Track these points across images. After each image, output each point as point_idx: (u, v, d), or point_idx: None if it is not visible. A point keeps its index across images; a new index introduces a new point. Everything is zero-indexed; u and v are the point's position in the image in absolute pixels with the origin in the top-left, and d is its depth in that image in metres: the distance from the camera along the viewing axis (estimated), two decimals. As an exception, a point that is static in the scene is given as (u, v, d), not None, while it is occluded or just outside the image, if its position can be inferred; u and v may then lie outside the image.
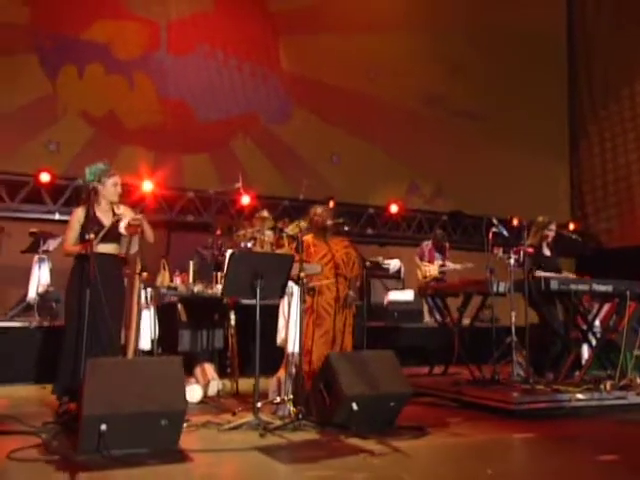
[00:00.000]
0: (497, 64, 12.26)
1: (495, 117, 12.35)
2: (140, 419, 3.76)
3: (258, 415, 4.46)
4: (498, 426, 4.83)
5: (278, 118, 10.76)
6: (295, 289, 4.81)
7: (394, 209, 11.17)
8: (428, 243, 8.65)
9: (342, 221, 5.47)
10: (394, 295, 8.77)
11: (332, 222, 5.37)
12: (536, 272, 5.87)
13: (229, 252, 4.43)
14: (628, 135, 12.66)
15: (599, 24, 12.97)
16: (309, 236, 5.20)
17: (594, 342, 6.04)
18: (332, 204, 10.26)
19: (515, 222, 9.58)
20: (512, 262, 5.61)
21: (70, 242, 4.65)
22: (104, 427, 3.61)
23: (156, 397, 3.82)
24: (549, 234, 6.41)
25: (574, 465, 3.93)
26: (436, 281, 8.09)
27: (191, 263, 6.29)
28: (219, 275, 6.07)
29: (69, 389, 4.21)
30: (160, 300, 5.76)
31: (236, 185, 7.46)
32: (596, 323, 6.23)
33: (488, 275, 5.69)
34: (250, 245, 6.86)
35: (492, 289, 5.73)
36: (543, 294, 5.68)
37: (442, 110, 11.95)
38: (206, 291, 5.93)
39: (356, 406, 4.35)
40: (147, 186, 9.42)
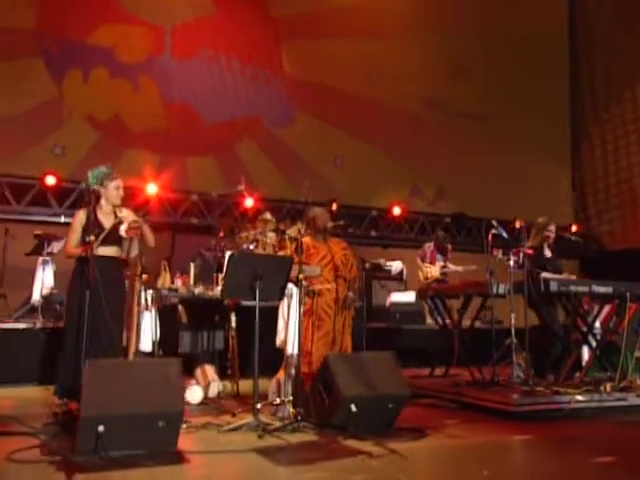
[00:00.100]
0: (499, 66, 12.20)
1: (497, 119, 12.29)
2: (138, 420, 3.73)
3: (257, 416, 4.42)
4: (497, 428, 4.78)
5: (281, 121, 10.74)
6: (294, 291, 4.76)
7: (397, 211, 11.14)
8: (430, 244, 8.60)
9: (342, 223, 5.43)
10: (396, 296, 8.72)
11: (333, 224, 5.34)
12: (541, 274, 5.82)
13: (228, 254, 4.38)
14: (630, 137, 12.58)
15: (601, 26, 12.90)
16: (307, 238, 5.17)
17: (594, 344, 5.97)
18: (335, 206, 10.27)
19: (517, 224, 9.52)
20: (512, 264, 5.56)
21: (72, 244, 4.63)
22: (101, 428, 3.59)
23: (154, 399, 3.79)
24: (549, 235, 6.36)
25: (573, 467, 3.88)
26: (438, 282, 8.05)
27: (192, 265, 6.27)
28: (220, 277, 6.04)
29: (71, 390, 4.18)
30: (161, 302, 5.73)
31: (239, 188, 7.45)
32: (596, 324, 6.15)
33: (488, 277, 5.64)
34: (252, 247, 6.83)
35: (492, 291, 5.67)
36: (543, 295, 5.62)
37: (444, 113, 11.90)
38: (207, 293, 5.91)
39: (354, 407, 4.32)
40: (152, 189, 9.44)
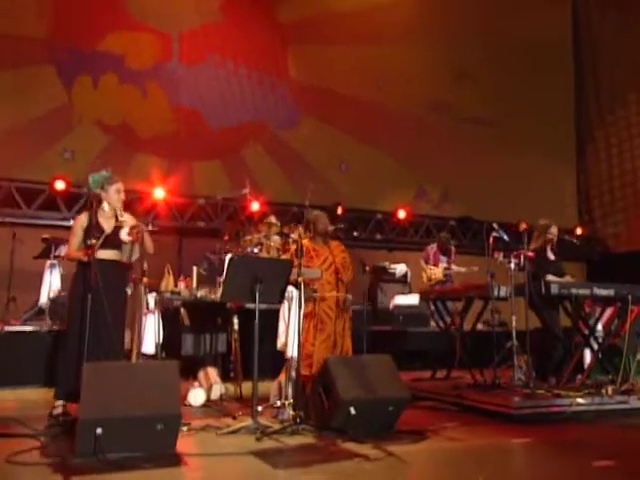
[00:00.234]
0: (503, 70, 12.12)
1: (502, 123, 12.20)
2: (136, 423, 3.70)
3: (256, 419, 4.37)
4: (497, 431, 4.70)
5: (287, 126, 10.71)
6: (295, 294, 4.72)
7: (402, 215, 11.07)
8: (433, 246, 8.54)
9: (343, 226, 5.38)
10: (399, 299, 8.65)
11: (334, 227, 5.30)
12: (547, 277, 5.75)
13: (228, 257, 4.34)
14: (634, 141, 12.46)
15: (605, 30, 12.78)
16: (306, 240, 5.12)
17: (596, 346, 5.88)
18: (340, 210, 10.23)
19: (523, 226, 9.43)
20: (513, 266, 5.48)
21: (73, 248, 4.61)
22: (100, 431, 3.56)
23: (152, 401, 3.76)
24: (551, 238, 6.26)
25: (573, 470, 3.81)
26: (441, 284, 7.98)
27: (194, 268, 6.23)
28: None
29: (71, 392, 4.14)
30: (164, 305, 5.70)
31: (243, 191, 7.39)
32: (598, 327, 6.06)
33: (489, 279, 5.57)
34: (257, 250, 6.78)
35: (493, 293, 5.60)
36: (544, 298, 5.54)
37: (450, 117, 11.83)
38: (209, 296, 5.86)
39: (354, 410, 4.26)
40: (159, 193, 9.43)
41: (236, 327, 5.65)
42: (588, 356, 6.06)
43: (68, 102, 9.40)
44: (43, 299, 7.05)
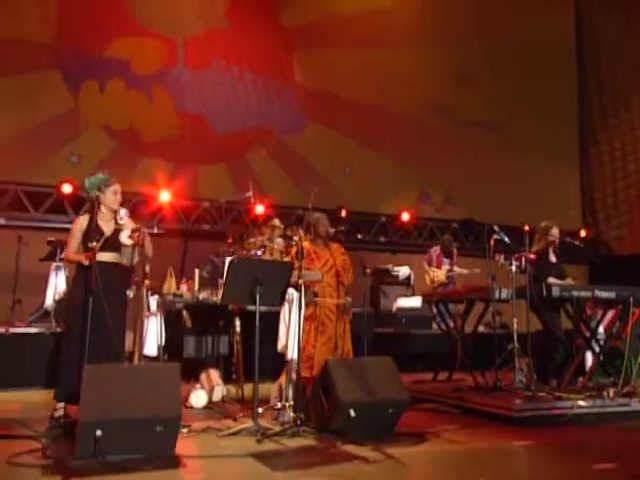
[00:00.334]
0: (506, 74, 12.06)
1: (505, 126, 12.13)
2: (135, 425, 3.67)
3: (257, 421, 4.34)
4: (498, 433, 4.65)
5: (292, 131, 10.69)
6: (295, 296, 4.68)
7: (405, 217, 11.03)
8: (436, 249, 8.49)
9: (343, 228, 5.35)
10: (402, 302, 8.60)
11: (335, 229, 5.27)
12: (548, 280, 5.69)
13: (228, 259, 4.31)
14: (638, 144, 12.37)
15: (607, 33, 12.70)
16: (307, 243, 5.09)
17: (597, 349, 5.80)
18: (344, 213, 10.19)
19: (526, 229, 9.35)
20: (514, 269, 5.42)
21: (72, 250, 4.58)
22: (99, 433, 3.53)
23: (151, 403, 3.73)
24: (553, 239, 6.18)
25: (574, 473, 3.76)
26: (444, 286, 7.92)
27: (196, 270, 6.20)
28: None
29: (72, 394, 4.11)
30: (166, 307, 5.67)
31: (246, 194, 7.37)
32: (600, 330, 5.98)
33: (490, 282, 5.51)
34: (260, 253, 6.74)
35: (494, 296, 5.54)
36: (545, 301, 5.47)
37: (452, 120, 11.77)
38: (211, 298, 5.83)
39: (353, 412, 4.22)
40: (165, 196, 9.43)
41: (238, 329, 5.61)
42: (590, 359, 5.99)
43: (75, 107, 9.41)
44: (48, 301, 7.05)
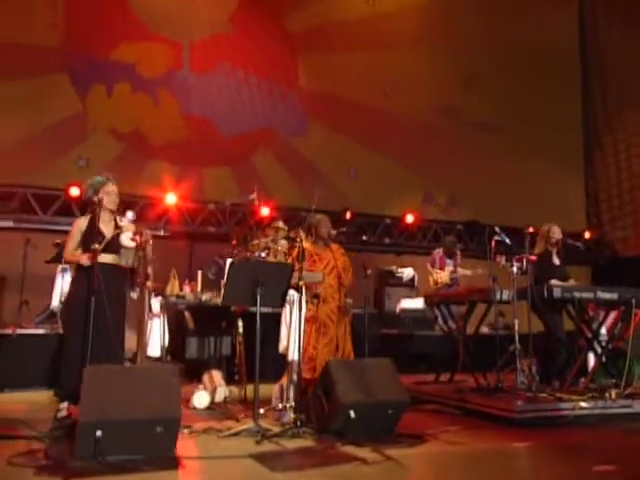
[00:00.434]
0: (511, 76, 11.98)
1: (510, 128, 12.04)
2: (135, 426, 3.65)
3: (257, 422, 4.31)
4: (499, 434, 4.60)
5: (296, 133, 10.66)
6: (296, 297, 4.65)
7: (410, 219, 10.97)
8: (439, 250, 8.42)
9: (345, 230, 5.32)
10: (406, 303, 8.56)
11: (336, 231, 5.24)
12: (551, 282, 5.63)
13: (229, 261, 4.29)
14: (642, 146, 12.26)
15: (611, 36, 12.60)
16: (308, 244, 5.06)
17: (599, 350, 5.73)
18: (349, 215, 10.16)
19: (530, 230, 9.27)
20: (515, 270, 5.36)
21: (70, 251, 4.58)
22: (99, 433, 3.52)
23: (152, 404, 3.71)
24: (555, 241, 6.11)
25: (574, 474, 3.71)
26: (447, 287, 7.87)
27: (199, 272, 6.18)
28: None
29: (72, 395, 4.10)
30: (169, 309, 5.66)
31: (250, 197, 7.34)
32: (602, 331, 5.91)
33: (491, 283, 5.46)
34: (264, 255, 6.73)
35: (495, 297, 5.49)
36: (546, 302, 5.41)
37: (457, 122, 11.69)
38: (214, 299, 5.81)
39: (353, 414, 4.19)
40: (171, 199, 9.43)
41: (240, 330, 5.59)
42: (592, 360, 5.92)
43: (82, 110, 9.41)
44: (55, 303, 7.06)
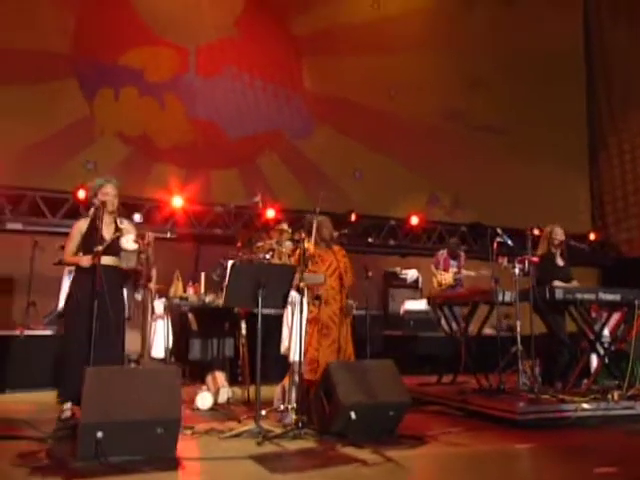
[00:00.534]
0: (516, 79, 11.90)
1: (515, 130, 11.96)
2: (136, 427, 3.64)
3: (259, 423, 4.29)
4: (501, 436, 4.56)
5: (302, 135, 10.63)
6: (297, 299, 4.63)
7: (414, 221, 10.91)
8: (443, 252, 8.36)
9: (347, 231, 5.29)
10: (410, 304, 8.51)
11: (338, 232, 5.22)
12: (554, 283, 5.58)
13: (230, 263, 4.28)
14: (648, 147, 12.15)
15: (616, 38, 12.50)
16: (310, 246, 5.03)
17: (602, 351, 5.67)
18: (354, 217, 10.12)
19: (536, 232, 9.20)
20: (517, 271, 5.31)
21: (69, 252, 4.56)
22: (100, 434, 3.51)
23: (153, 406, 3.70)
24: (557, 240, 6.04)
25: (574, 476, 3.67)
26: (451, 288, 7.81)
27: (202, 274, 6.17)
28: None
29: (74, 395, 4.08)
30: (173, 310, 5.64)
31: (255, 199, 7.34)
32: (605, 332, 5.85)
33: (493, 284, 5.42)
34: (268, 256, 6.71)
35: (497, 298, 5.44)
36: (548, 303, 5.36)
37: (462, 125, 11.63)
38: (217, 301, 5.79)
39: (354, 415, 4.16)
40: (178, 201, 9.43)
41: (244, 332, 5.57)
42: (595, 361, 5.86)
43: (90, 115, 9.43)
44: (62, 304, 7.03)
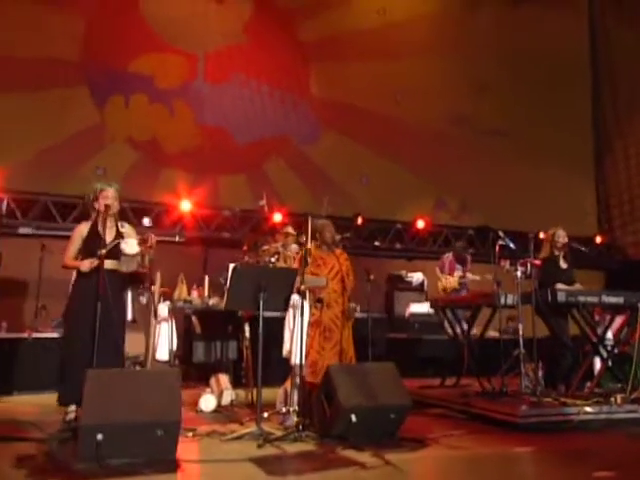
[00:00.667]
0: (521, 83, 11.82)
1: (521, 134, 11.86)
2: (136, 429, 3.60)
3: (260, 425, 4.24)
4: (502, 439, 4.48)
5: (309, 141, 10.61)
6: (298, 301, 4.58)
7: (421, 225, 10.85)
8: (449, 255, 8.30)
9: (349, 235, 5.25)
10: (415, 307, 8.45)
11: (340, 236, 5.18)
12: (557, 286, 5.50)
13: (231, 266, 4.25)
14: (654, 150, 12.01)
15: (622, 41, 12.35)
16: (312, 248, 4.99)
17: (605, 354, 5.57)
18: (360, 220, 10.09)
19: (541, 236, 9.09)
20: (519, 274, 5.24)
21: (70, 256, 4.54)
22: (100, 437, 3.48)
23: (153, 408, 3.66)
24: (560, 243, 5.95)
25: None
26: (456, 292, 7.75)
27: (206, 277, 6.15)
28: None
29: (75, 397, 4.06)
30: (177, 313, 5.62)
31: (260, 203, 7.34)
32: (608, 335, 5.75)
33: (495, 287, 5.34)
34: (274, 260, 6.68)
35: (499, 301, 5.37)
36: (550, 306, 5.28)
37: (468, 129, 11.55)
38: (221, 304, 5.75)
39: (355, 418, 4.10)
40: (186, 205, 9.45)
41: (247, 335, 5.53)
42: (598, 364, 5.76)
43: (101, 122, 9.46)
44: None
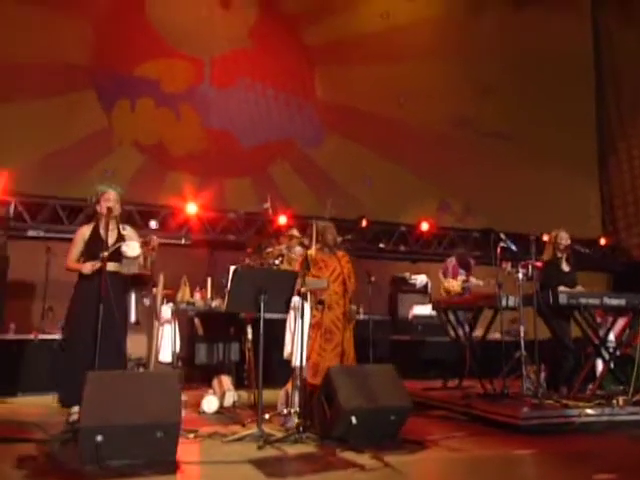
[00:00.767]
0: (525, 85, 11.72)
1: (524, 136, 11.76)
2: (136, 431, 3.58)
3: (261, 427, 4.22)
4: (503, 441, 4.43)
5: (313, 144, 10.58)
6: (298, 303, 4.56)
7: (425, 227, 10.78)
8: (452, 259, 8.22)
9: (350, 237, 5.22)
10: (418, 309, 8.40)
11: (342, 238, 5.15)
12: (559, 288, 5.43)
13: (232, 268, 4.22)
14: (658, 152, 11.90)
15: (625, 42, 12.25)
16: (313, 251, 4.96)
17: (607, 356, 5.50)
18: (364, 223, 10.04)
19: (545, 238, 9.01)
20: (520, 276, 5.18)
21: (72, 259, 4.53)
22: (100, 438, 3.46)
23: (152, 409, 3.64)
24: (563, 245, 5.89)
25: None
26: (459, 296, 7.67)
27: (209, 279, 6.13)
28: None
29: (75, 399, 4.04)
30: (180, 315, 5.60)
31: (264, 206, 7.31)
32: (610, 337, 5.68)
33: (497, 289, 5.29)
34: (278, 262, 6.66)
35: (501, 303, 5.32)
36: (552, 308, 5.22)
37: (471, 131, 11.47)
38: (223, 306, 5.74)
39: (355, 419, 4.07)
40: (192, 208, 9.44)
41: (250, 336, 5.51)
42: (600, 366, 5.69)
43: (108, 125, 9.47)
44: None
